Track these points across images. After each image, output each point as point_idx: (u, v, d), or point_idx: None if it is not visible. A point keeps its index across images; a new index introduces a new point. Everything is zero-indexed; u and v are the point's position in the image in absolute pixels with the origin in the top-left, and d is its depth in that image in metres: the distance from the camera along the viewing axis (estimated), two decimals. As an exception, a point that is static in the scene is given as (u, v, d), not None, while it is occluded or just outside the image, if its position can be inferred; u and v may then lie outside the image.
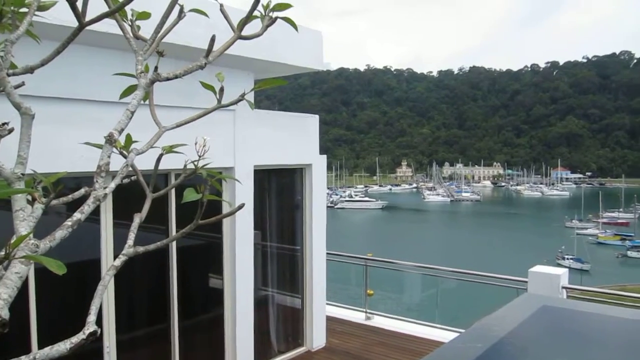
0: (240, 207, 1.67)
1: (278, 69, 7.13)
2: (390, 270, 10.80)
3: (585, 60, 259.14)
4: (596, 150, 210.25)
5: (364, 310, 9.45)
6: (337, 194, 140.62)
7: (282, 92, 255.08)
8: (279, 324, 7.95)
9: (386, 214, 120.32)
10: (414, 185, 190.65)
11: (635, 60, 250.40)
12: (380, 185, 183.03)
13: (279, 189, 7.93)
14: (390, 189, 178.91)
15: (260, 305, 7.59)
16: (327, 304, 8.68)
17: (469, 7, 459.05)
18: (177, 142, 1.62)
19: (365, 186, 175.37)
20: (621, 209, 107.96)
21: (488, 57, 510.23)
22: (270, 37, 5.29)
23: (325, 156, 8.02)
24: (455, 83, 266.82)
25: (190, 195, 1.47)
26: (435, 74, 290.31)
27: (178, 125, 1.61)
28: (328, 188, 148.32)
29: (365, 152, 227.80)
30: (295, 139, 7.58)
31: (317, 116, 7.98)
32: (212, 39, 1.59)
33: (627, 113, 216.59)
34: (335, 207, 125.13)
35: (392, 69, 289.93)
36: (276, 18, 1.67)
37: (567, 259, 64.61)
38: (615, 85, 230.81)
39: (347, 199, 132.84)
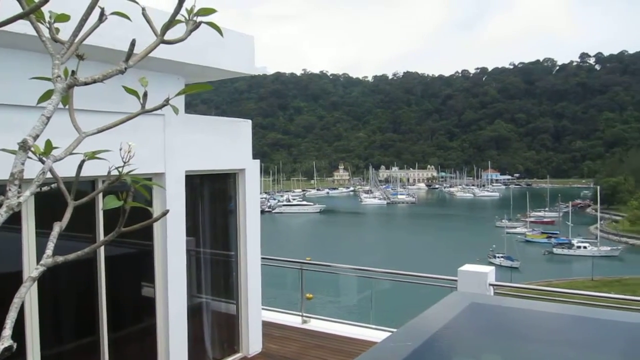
0: (165, 213, 1.64)
1: (209, 74, 7.04)
2: (327, 273, 10.85)
3: (512, 67, 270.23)
4: (523, 153, 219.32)
5: (301, 314, 9.45)
6: (274, 199, 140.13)
7: (219, 96, 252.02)
8: (214, 331, 7.83)
9: (324, 217, 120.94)
10: (351, 188, 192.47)
11: (557, 67, 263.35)
12: (317, 189, 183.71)
13: (212, 194, 7.82)
14: (328, 193, 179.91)
15: (194, 312, 7.45)
16: (264, 309, 8.62)
17: (403, 14, 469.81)
18: (105, 147, 1.57)
19: (303, 190, 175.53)
20: (547, 208, 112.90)
21: (421, 62, 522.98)
22: (200, 41, 5.22)
23: (258, 161, 7.97)
24: (390, 88, 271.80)
25: (111, 202, 1.42)
26: (370, 78, 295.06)
27: (100, 131, 1.57)
28: (266, 192, 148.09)
29: (303, 156, 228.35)
30: (228, 144, 7.50)
31: (249, 121, 7.93)
32: (132, 43, 1.56)
33: (551, 117, 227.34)
34: (273, 211, 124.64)
35: (329, 74, 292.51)
36: (200, 23, 1.64)
37: (498, 257, 66.95)
38: (540, 91, 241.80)
39: (285, 203, 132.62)
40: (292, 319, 9.47)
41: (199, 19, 1.64)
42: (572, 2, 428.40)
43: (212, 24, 1.70)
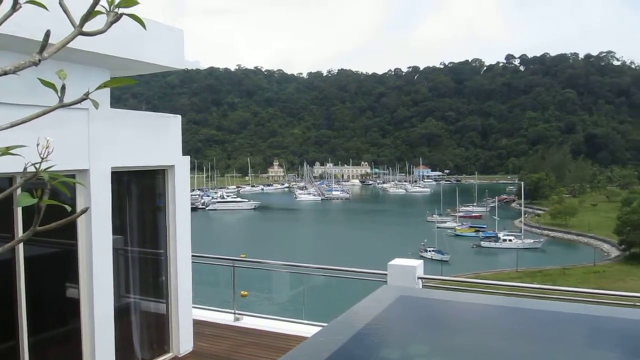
0: (84, 211, 1.60)
1: (136, 67, 6.82)
2: (261, 270, 10.79)
3: (442, 66, 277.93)
4: (453, 150, 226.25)
5: (233, 311, 9.36)
6: (208, 195, 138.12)
7: (150, 90, 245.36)
8: (143, 331, 7.62)
9: (259, 214, 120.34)
10: (286, 185, 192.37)
11: (485, 68, 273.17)
12: (252, 186, 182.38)
13: (140, 191, 7.60)
14: (263, 189, 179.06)
15: (122, 313, 7.22)
16: (195, 307, 8.47)
17: (337, 13, 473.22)
18: (25, 142, 1.50)
19: (238, 187, 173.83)
20: (475, 203, 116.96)
21: (355, 61, 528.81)
22: (126, 33, 5.05)
23: (188, 157, 7.80)
24: (324, 85, 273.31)
25: (24, 200, 1.35)
26: (305, 75, 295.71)
27: (13, 125, 1.49)
28: (199, 189, 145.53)
29: (237, 152, 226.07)
30: (156, 140, 7.30)
31: (179, 116, 7.75)
32: (47, 34, 1.48)
33: (478, 115, 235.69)
34: (207, 208, 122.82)
35: (263, 70, 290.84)
36: (121, 15, 1.58)
37: (429, 251, 68.80)
38: (469, 90, 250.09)
39: (219, 200, 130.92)
40: (224, 317, 9.35)
41: (121, 10, 1.58)
42: (499, 5, 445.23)
43: (134, 16, 1.65)
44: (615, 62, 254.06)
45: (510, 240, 78.54)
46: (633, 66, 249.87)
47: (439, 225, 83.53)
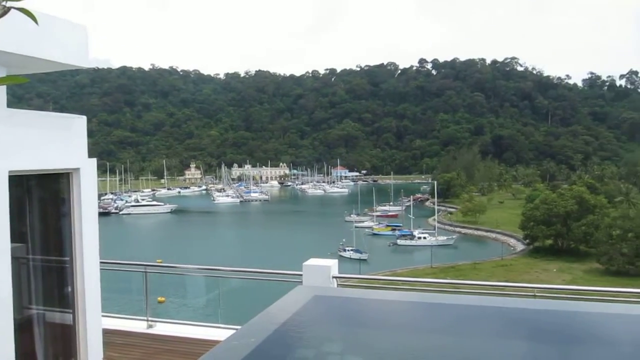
0: None
1: (35, 65, 6.43)
2: (176, 275, 10.50)
3: (358, 69, 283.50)
4: (370, 151, 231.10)
5: (146, 318, 9.04)
6: (122, 199, 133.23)
7: (57, 90, 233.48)
8: (47, 344, 7.20)
9: (176, 217, 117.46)
10: (204, 187, 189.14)
11: (399, 71, 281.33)
12: (168, 189, 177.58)
13: (42, 196, 7.16)
14: (179, 192, 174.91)
15: (24, 326, 6.77)
16: (105, 316, 8.10)
17: (255, 13, 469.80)
18: None
19: (153, 190, 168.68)
20: (391, 203, 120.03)
21: (272, 62, 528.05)
22: (22, 29, 4.74)
23: (95, 160, 7.44)
24: (242, 86, 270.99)
25: None
26: (222, 76, 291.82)
27: None
28: (112, 193, 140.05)
29: (152, 154, 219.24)
30: (59, 142, 6.91)
31: (84, 117, 7.37)
32: None
33: (393, 117, 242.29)
34: (121, 212, 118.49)
35: (179, 70, 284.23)
36: (9, 8, 1.50)
37: (348, 250, 69.85)
38: (384, 93, 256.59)
39: (133, 203, 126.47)
40: (136, 325, 9.02)
41: (9, 4, 1.49)
42: (411, 10, 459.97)
43: (24, 11, 1.55)
44: (519, 68, 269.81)
45: (425, 237, 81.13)
46: (535, 72, 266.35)
47: (357, 225, 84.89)
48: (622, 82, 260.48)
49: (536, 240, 71.88)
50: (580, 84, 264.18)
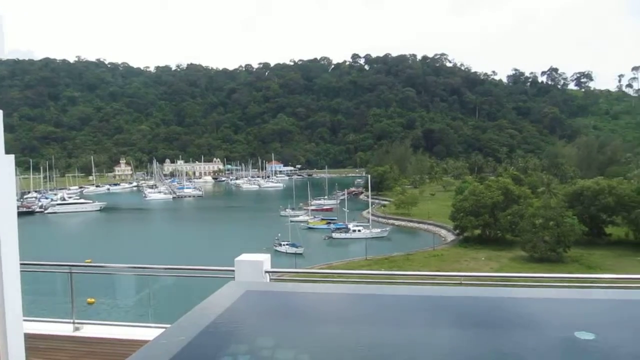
0: None
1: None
2: (105, 275, 10.14)
3: (292, 64, 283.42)
4: (304, 145, 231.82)
5: (72, 321, 8.66)
6: (47, 198, 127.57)
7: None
8: (-38, 353, 6.76)
9: (105, 215, 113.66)
10: (134, 184, 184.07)
11: (333, 66, 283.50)
12: (97, 186, 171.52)
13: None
14: (109, 189, 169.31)
15: None
16: (27, 320, 7.68)
17: (186, 6, 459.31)
18: None
19: (80, 187, 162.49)
20: (326, 197, 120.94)
21: (204, 55, 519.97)
22: None
23: (12, 156, 7.02)
24: (173, 79, 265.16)
25: None
26: (152, 69, 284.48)
27: None
28: (36, 191, 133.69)
29: (79, 150, 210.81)
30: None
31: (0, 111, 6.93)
32: None
33: (327, 112, 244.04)
34: (46, 211, 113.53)
35: (106, 62, 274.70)
36: None
37: (284, 245, 69.89)
38: (318, 87, 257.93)
39: (59, 202, 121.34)
40: (62, 328, 8.62)
41: None
42: (344, 5, 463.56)
43: None
44: (448, 64, 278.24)
45: (359, 230, 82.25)
46: (463, 68, 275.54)
47: (292, 219, 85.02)
48: (544, 79, 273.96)
49: (465, 230, 74.34)
50: (505, 80, 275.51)
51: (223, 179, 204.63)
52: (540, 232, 60.72)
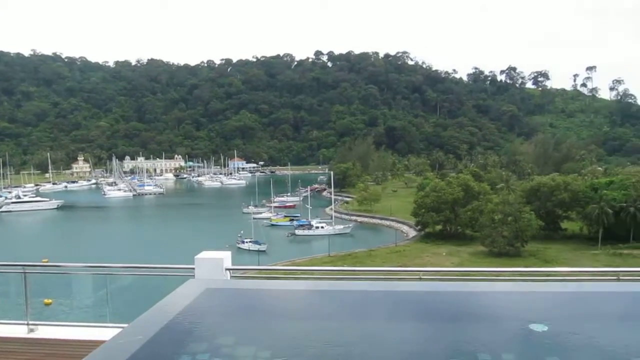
0: None
1: None
2: (62, 274, 9.87)
3: (255, 60, 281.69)
4: (267, 142, 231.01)
5: (26, 322, 8.39)
6: (1, 196, 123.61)
7: None
8: None
9: (62, 214, 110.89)
10: (93, 181, 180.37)
11: (295, 63, 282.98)
12: (54, 183, 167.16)
13: None
14: (66, 187, 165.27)
15: None
16: (-23, 322, 7.44)
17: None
18: None
19: (36, 185, 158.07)
20: (289, 194, 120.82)
21: (165, 50, 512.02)
22: None
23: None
24: (133, 75, 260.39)
25: None
26: (111, 64, 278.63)
27: None
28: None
29: (35, 147, 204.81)
30: None
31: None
32: None
33: (290, 109, 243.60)
34: (0, 210, 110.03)
35: (63, 56, 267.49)
36: None
37: (246, 242, 69.55)
38: (280, 84, 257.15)
39: (14, 200, 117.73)
40: (15, 330, 8.34)
41: None
42: (307, 1, 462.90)
43: None
44: (410, 62, 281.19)
45: (322, 227, 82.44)
46: (424, 66, 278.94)
47: (255, 216, 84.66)
48: (502, 77, 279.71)
49: (427, 226, 75.39)
50: (465, 78, 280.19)
51: (185, 176, 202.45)
52: (499, 228, 62.04)
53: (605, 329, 3.35)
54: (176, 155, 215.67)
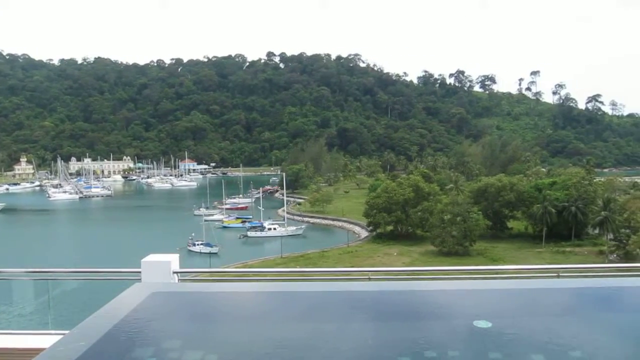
0: None
1: None
2: (2, 280, 9.43)
3: (206, 60, 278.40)
4: (218, 143, 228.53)
5: (-41, 331, 8.01)
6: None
7: None
8: None
9: (3, 217, 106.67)
10: (37, 183, 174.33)
11: (247, 63, 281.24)
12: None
13: None
14: (8, 189, 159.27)
15: None
16: None
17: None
18: None
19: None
20: (241, 195, 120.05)
21: (113, 48, 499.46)
22: None
23: None
24: (79, 73, 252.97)
25: None
26: (56, 62, 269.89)
27: None
28: None
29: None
30: None
31: None
32: None
33: (242, 109, 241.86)
34: None
35: (4, 53, 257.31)
36: None
37: (198, 244, 68.73)
38: (232, 84, 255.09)
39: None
40: (-53, 339, 7.94)
41: None
42: (259, 2, 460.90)
43: None
44: (362, 64, 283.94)
45: (274, 229, 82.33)
46: (376, 68, 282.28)
47: (207, 219, 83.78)
48: (451, 81, 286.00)
49: (379, 226, 76.26)
50: (415, 81, 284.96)
51: (134, 177, 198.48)
52: (449, 227, 63.40)
53: (545, 324, 3.46)
54: (125, 157, 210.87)
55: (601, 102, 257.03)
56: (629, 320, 3.56)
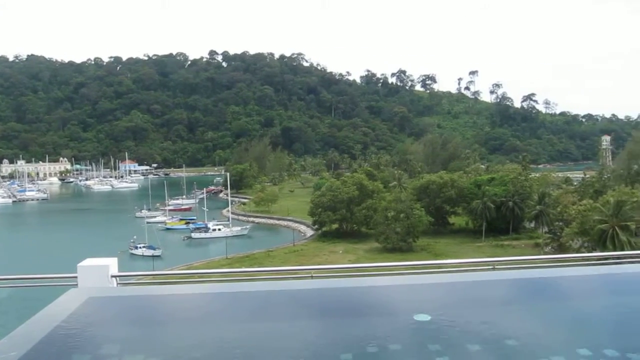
0: None
1: None
2: None
3: (146, 58, 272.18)
4: (160, 143, 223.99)
5: None
6: None
7: None
8: None
9: None
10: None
11: (189, 62, 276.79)
12: None
13: None
14: None
15: None
16: None
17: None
18: None
19: None
20: (184, 196, 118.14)
21: (47, 46, 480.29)
22: None
23: None
24: (10, 71, 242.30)
25: None
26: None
27: None
28: None
29: None
30: None
31: None
32: None
33: (184, 109, 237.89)
34: None
35: None
36: None
37: (140, 247, 67.15)
38: (174, 84, 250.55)
39: None
40: None
41: None
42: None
43: None
44: (305, 64, 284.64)
45: (219, 229, 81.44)
46: (319, 67, 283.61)
47: (149, 221, 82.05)
48: (393, 80, 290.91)
49: (324, 225, 76.61)
50: (358, 80, 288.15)
51: (71, 179, 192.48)
52: (392, 224, 64.32)
53: (481, 314, 3.58)
54: (61, 158, 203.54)
55: (535, 101, 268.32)
56: (562, 308, 3.73)
